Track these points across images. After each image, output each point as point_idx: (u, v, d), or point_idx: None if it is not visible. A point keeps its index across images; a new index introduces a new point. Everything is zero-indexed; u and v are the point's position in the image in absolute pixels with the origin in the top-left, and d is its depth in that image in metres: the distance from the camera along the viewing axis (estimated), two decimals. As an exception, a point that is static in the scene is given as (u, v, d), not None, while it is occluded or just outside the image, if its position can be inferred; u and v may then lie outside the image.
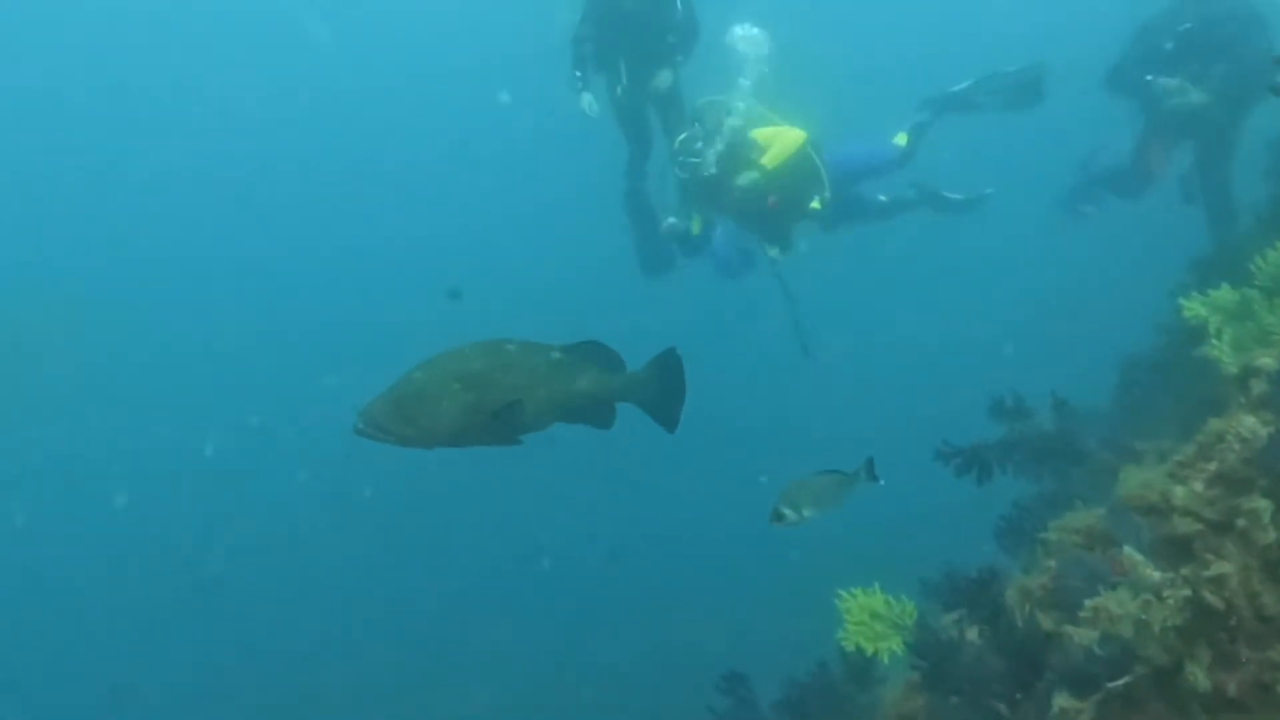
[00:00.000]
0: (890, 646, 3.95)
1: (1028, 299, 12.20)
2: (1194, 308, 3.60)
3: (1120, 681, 2.64)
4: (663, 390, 3.63)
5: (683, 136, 6.45)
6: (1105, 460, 3.67)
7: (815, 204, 6.54)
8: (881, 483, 3.41)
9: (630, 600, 9.19)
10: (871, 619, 4.05)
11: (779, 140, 6.48)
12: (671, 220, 6.65)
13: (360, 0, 19.60)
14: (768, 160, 6.40)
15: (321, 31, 18.92)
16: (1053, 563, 3.30)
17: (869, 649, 3.90)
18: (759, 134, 6.56)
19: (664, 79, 7.11)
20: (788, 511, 3.34)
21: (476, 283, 13.98)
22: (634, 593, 9.32)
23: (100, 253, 16.09)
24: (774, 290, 6.84)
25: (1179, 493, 2.92)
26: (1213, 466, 2.91)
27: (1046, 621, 3.03)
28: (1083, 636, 2.57)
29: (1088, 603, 2.56)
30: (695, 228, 6.68)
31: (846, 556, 5.79)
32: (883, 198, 7.22)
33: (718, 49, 7.00)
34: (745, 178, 6.35)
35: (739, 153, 6.42)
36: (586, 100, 7.11)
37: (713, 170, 6.38)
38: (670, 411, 3.65)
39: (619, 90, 7.23)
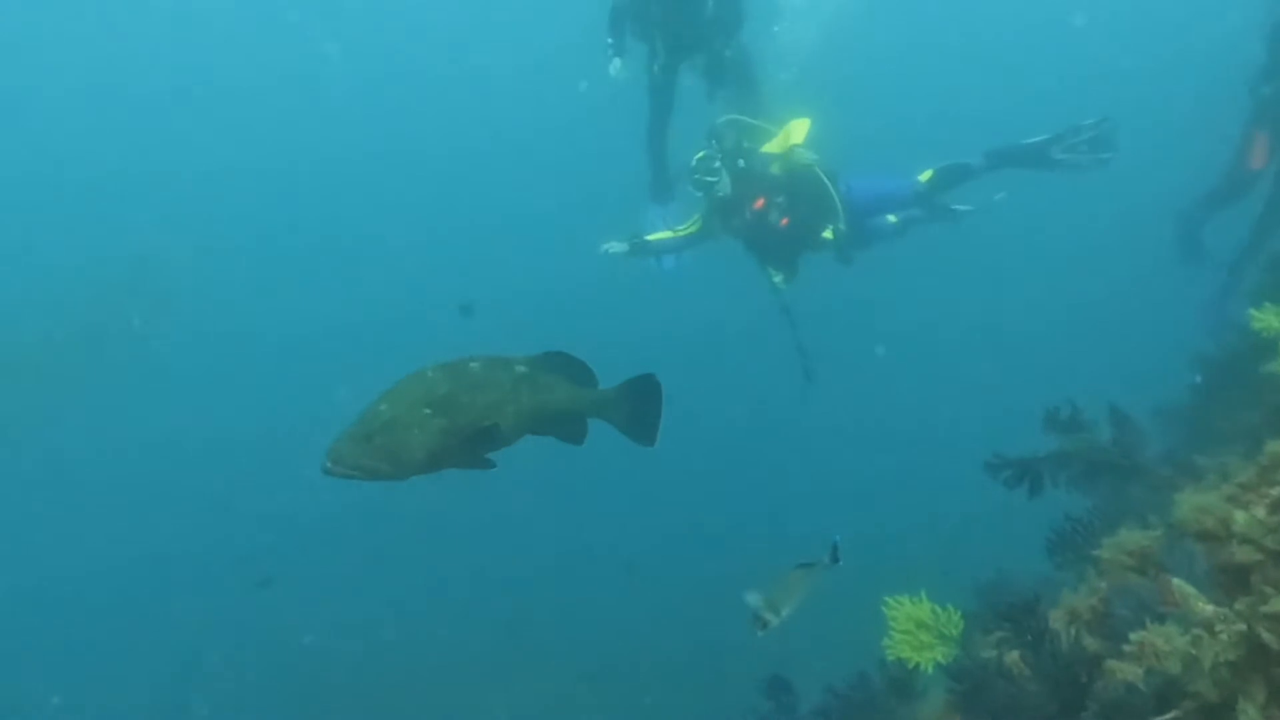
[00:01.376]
0: (935, 657, 3.87)
1: (1094, 287, 11.86)
2: (1265, 319, 3.41)
3: (1166, 717, 2.53)
4: (637, 411, 3.51)
5: (700, 155, 6.36)
6: (1164, 476, 3.51)
7: (827, 234, 6.41)
8: (841, 564, 3.34)
9: (676, 600, 9.19)
10: (917, 628, 3.96)
11: (793, 128, 6.37)
12: (607, 247, 6.68)
13: (370, 18, 19.89)
14: (796, 138, 6.31)
15: (332, 49, 19.21)
16: (1104, 584, 3.18)
17: (913, 659, 3.83)
18: (769, 147, 6.47)
19: (697, 63, 7.12)
20: (770, 617, 3.28)
21: (487, 296, 14.18)
22: (679, 593, 9.31)
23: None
24: (782, 316, 6.64)
25: (1239, 518, 2.77)
26: (1275, 492, 2.76)
27: (1093, 645, 2.93)
28: (1126, 672, 2.46)
29: (1133, 636, 2.44)
30: (689, 228, 6.62)
31: (896, 561, 5.69)
32: (892, 219, 7.01)
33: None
34: (797, 157, 6.27)
35: (761, 175, 6.35)
36: (615, 65, 7.13)
37: (728, 191, 6.30)
38: (647, 430, 3.54)
39: (655, 68, 7.24)
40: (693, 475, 11.45)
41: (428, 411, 3.01)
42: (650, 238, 6.76)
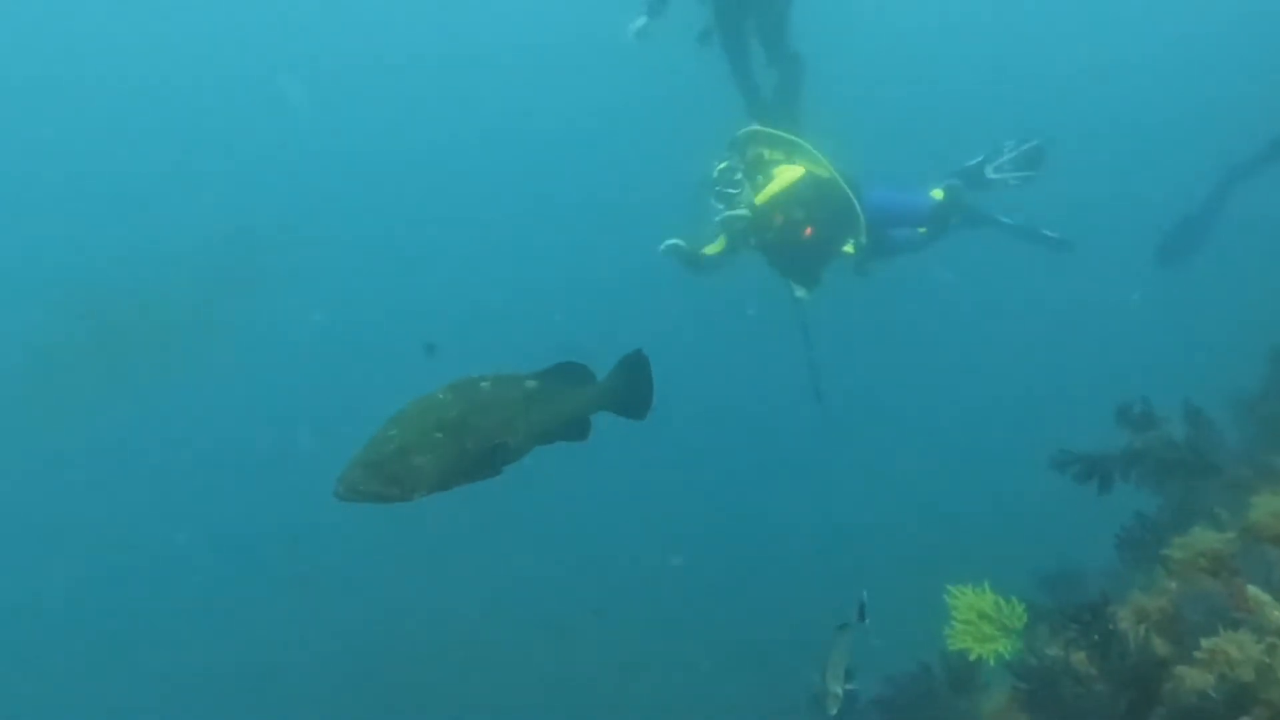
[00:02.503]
0: (997, 649, 3.86)
1: (1167, 280, 11.56)
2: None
3: (1238, 722, 2.51)
4: (632, 393, 3.50)
5: (722, 166, 6.21)
6: (1241, 475, 3.44)
7: (848, 248, 6.26)
8: (868, 622, 3.35)
9: (734, 584, 9.22)
10: (980, 619, 3.95)
11: (777, 177, 6.21)
12: (672, 241, 6.33)
13: (335, 61, 19.92)
14: (759, 197, 6.14)
15: (298, 93, 19.19)
16: (1174, 584, 3.14)
17: (974, 650, 3.82)
18: (779, 170, 6.29)
19: (750, 29, 7.00)
20: (836, 689, 3.29)
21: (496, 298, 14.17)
22: (738, 577, 9.35)
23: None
24: (800, 328, 6.45)
25: (1318, 525, 2.73)
26: (1358, 499, 2.71)
27: (1162, 647, 2.91)
28: (1196, 679, 2.45)
29: (1204, 643, 2.43)
30: (715, 249, 6.47)
31: (957, 550, 5.65)
32: (922, 230, 6.80)
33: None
34: (733, 215, 6.12)
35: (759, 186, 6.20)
36: (639, 23, 6.98)
37: (748, 205, 6.16)
38: (639, 406, 3.53)
39: (712, 29, 7.13)
40: (750, 462, 11.48)
41: (439, 435, 3.01)
42: (706, 251, 6.57)
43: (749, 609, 8.79)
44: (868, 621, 3.33)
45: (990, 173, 6.90)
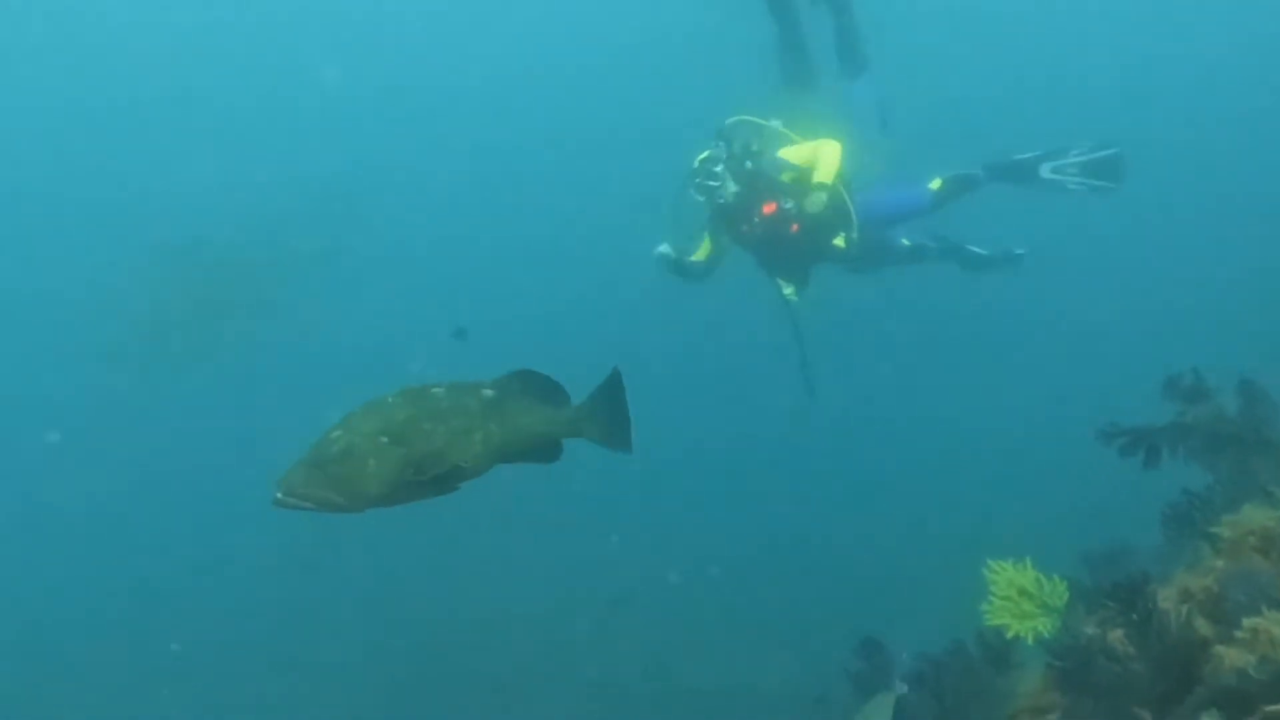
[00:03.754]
0: (1036, 627, 3.77)
1: (1214, 263, 11.25)
2: None
3: (1281, 707, 2.41)
4: (610, 418, 3.22)
5: (703, 156, 6.06)
6: (1296, 451, 3.29)
7: (838, 241, 6.12)
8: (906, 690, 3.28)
9: (769, 561, 9.21)
10: (1019, 596, 3.86)
11: (822, 155, 6.01)
12: (663, 249, 6.25)
13: (369, 40, 19.95)
14: (822, 176, 5.95)
15: (331, 72, 19.19)
16: (1220, 563, 3.03)
17: (1013, 628, 3.73)
18: (787, 154, 6.15)
19: None
20: None
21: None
22: (772, 555, 9.32)
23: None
24: (789, 327, 6.39)
25: (1375, 502, 2.60)
26: None
27: (1204, 628, 2.80)
28: (1235, 659, 2.35)
29: (1246, 622, 2.33)
30: (702, 253, 6.34)
31: (995, 528, 5.54)
32: (905, 242, 6.69)
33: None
34: (814, 201, 5.91)
35: (770, 178, 6.06)
36: None
37: (730, 197, 6.01)
38: (619, 437, 3.23)
39: None
40: (788, 447, 11.44)
41: (385, 440, 2.85)
42: (694, 258, 6.38)
43: (789, 593, 8.76)
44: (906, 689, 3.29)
45: (1047, 172, 6.68)
